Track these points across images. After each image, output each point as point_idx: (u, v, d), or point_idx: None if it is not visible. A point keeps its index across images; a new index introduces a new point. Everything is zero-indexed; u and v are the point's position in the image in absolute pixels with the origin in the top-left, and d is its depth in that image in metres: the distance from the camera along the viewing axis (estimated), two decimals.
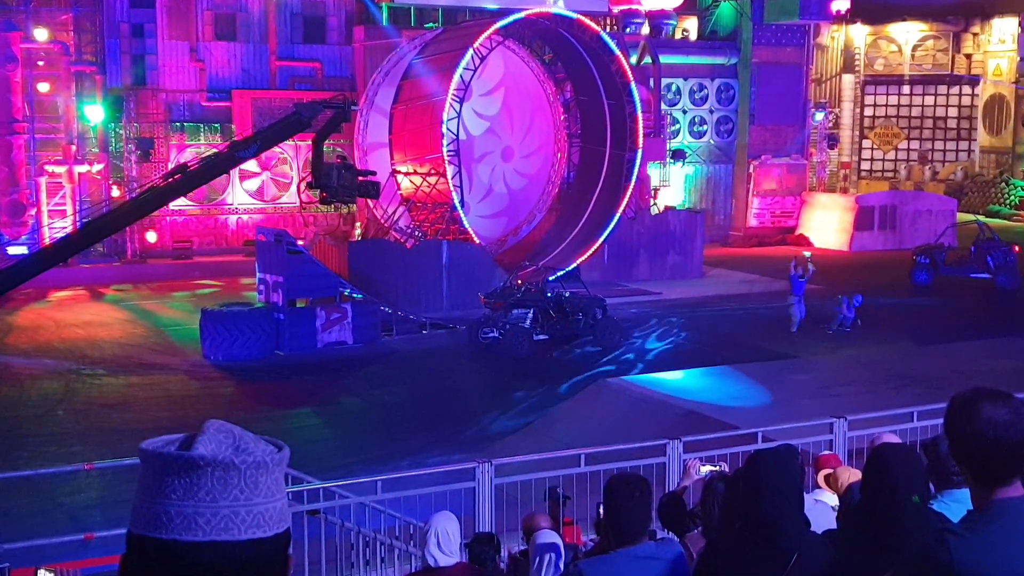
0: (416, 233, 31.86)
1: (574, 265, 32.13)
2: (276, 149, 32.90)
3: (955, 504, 4.11)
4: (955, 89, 53.14)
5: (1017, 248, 32.31)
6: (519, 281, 27.75)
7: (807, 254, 31.35)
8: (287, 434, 18.11)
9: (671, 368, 22.01)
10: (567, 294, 26.72)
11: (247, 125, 35.16)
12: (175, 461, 1.74)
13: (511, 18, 32.48)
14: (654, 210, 37.08)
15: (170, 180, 22.63)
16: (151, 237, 36.22)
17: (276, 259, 26.38)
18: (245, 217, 37.61)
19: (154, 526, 1.74)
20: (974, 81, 52.78)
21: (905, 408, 11.52)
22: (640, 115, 34.56)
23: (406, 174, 32.44)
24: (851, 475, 5.50)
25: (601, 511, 5.43)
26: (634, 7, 46.46)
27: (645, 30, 42.72)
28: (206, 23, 37.54)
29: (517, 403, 21.42)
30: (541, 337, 25.75)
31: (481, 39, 31.63)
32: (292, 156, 37.43)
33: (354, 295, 26.91)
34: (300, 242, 30.49)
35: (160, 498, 1.74)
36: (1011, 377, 19.05)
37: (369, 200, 30.27)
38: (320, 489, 9.98)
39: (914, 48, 53.15)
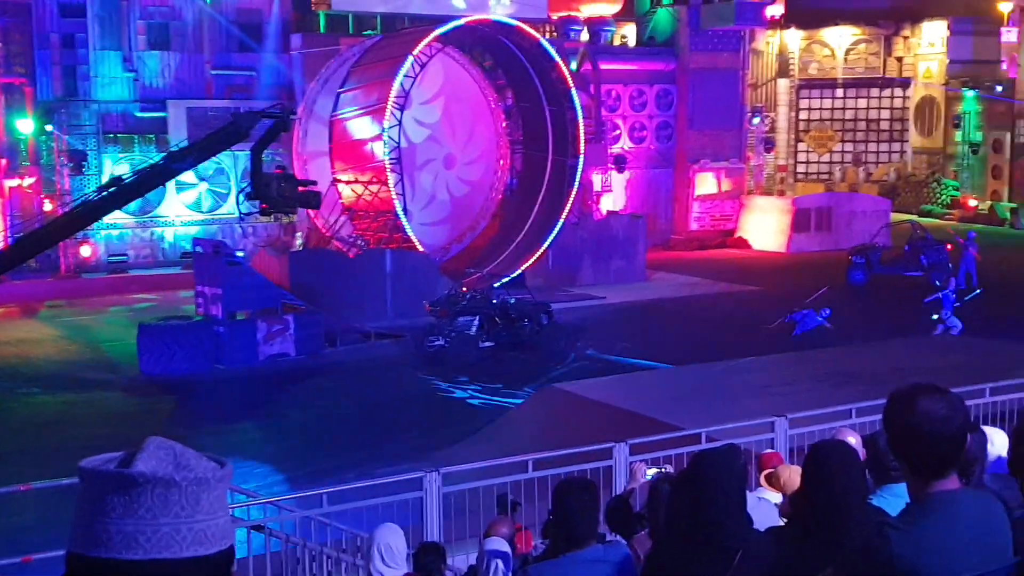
0: (359, 242, 31.72)
1: (519, 271, 32.20)
2: (213, 159, 32.58)
3: (893, 498, 4.18)
4: (887, 92, 54.04)
5: (950, 247, 32.91)
6: (464, 288, 27.74)
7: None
8: (229, 449, 17.93)
9: (617, 372, 22.11)
10: (512, 300, 26.74)
11: (182, 135, 34.78)
12: (114, 479, 1.72)
13: (450, 25, 32.49)
14: (597, 215, 37.25)
15: (104, 193, 22.34)
16: (85, 251, 35.64)
17: (215, 271, 26.08)
18: (182, 229, 37.18)
19: (94, 545, 1.72)
20: (905, 84, 53.71)
21: (844, 405, 11.68)
22: (581, 121, 34.74)
23: (347, 183, 32.29)
24: (791, 473, 5.57)
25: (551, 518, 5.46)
26: (573, 14, 46.72)
27: (584, 37, 42.93)
28: (139, 32, 37.07)
29: (464, 411, 21.39)
30: (487, 344, 25.73)
31: (421, 46, 31.60)
32: (230, 166, 37.09)
33: (296, 306, 26.69)
34: (239, 253, 30.21)
35: (100, 516, 1.72)
36: (946, 373, 19.40)
37: (310, 210, 30.09)
38: (264, 504, 9.89)
39: (847, 52, 53.97)
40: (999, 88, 50.16)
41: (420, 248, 31.35)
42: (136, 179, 24.14)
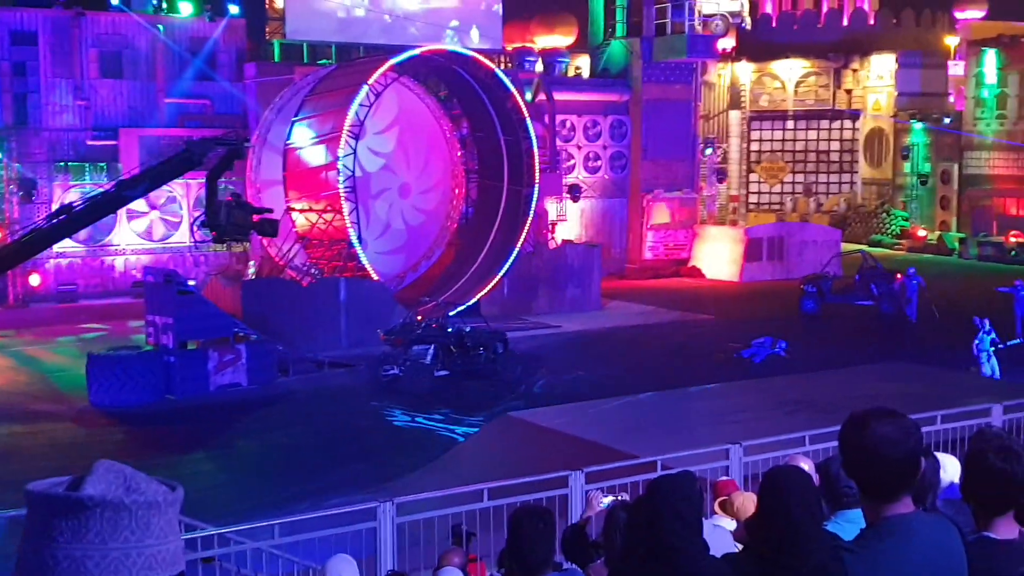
0: (312, 271, 31.55)
1: (474, 300, 32.18)
2: (165, 188, 32.33)
3: (848, 524, 4.20)
4: (837, 123, 54.83)
5: (899, 276, 33.35)
6: (419, 317, 27.65)
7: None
8: (180, 480, 17.57)
9: (572, 400, 22.09)
10: (468, 329, 26.70)
11: (134, 163, 34.45)
12: (63, 502, 1.68)
13: (406, 55, 32.55)
14: (552, 244, 37.37)
15: (54, 221, 22.03)
16: (34, 280, 35.16)
17: (166, 300, 25.79)
18: (133, 258, 36.80)
19: (40, 572, 1.67)
20: (855, 116, 54.53)
21: (798, 432, 11.74)
22: (536, 151, 34.88)
23: (301, 211, 32.15)
24: (745, 499, 5.58)
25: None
26: (528, 45, 47.07)
27: (539, 68, 43.25)
28: (91, 60, 36.82)
29: (419, 441, 21.28)
30: (442, 373, 25.64)
31: (376, 75, 31.62)
32: (182, 194, 36.83)
33: (249, 335, 26.45)
34: (191, 282, 29.94)
35: (47, 542, 1.68)
36: (896, 399, 19.60)
37: (264, 238, 29.91)
38: (215, 535, 9.75)
39: (797, 84, 54.74)
40: (947, 120, 51.09)
41: (375, 277, 31.25)
42: (86, 207, 23.81)
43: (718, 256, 43.18)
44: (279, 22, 40.22)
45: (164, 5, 38.57)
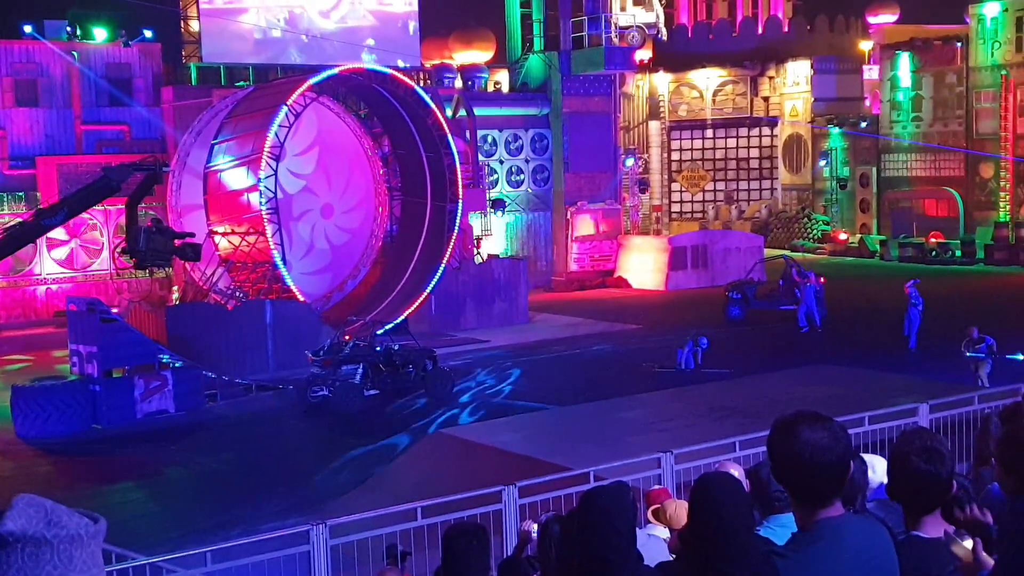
0: (237, 294, 31.20)
1: (402, 318, 32.04)
2: (85, 215, 31.81)
3: (780, 528, 4.24)
4: (755, 131, 55.75)
5: (823, 279, 33.88)
6: (347, 337, 27.46)
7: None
8: (109, 510, 17.34)
9: (503, 414, 22.12)
10: (396, 347, 26.58)
11: (53, 192, 33.89)
12: None
13: (324, 75, 32.40)
14: (478, 259, 37.40)
15: None
16: None
17: (89, 329, 25.35)
18: (55, 287, 36.11)
19: None
20: (772, 122, 55.50)
21: (727, 439, 11.87)
22: (459, 167, 34.91)
23: (223, 234, 31.79)
24: (678, 507, 5.62)
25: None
26: (446, 62, 47.15)
27: (458, 83, 43.36)
28: (6, 90, 36.15)
29: (351, 461, 21.12)
30: (372, 392, 25.50)
31: (294, 96, 31.42)
32: (102, 222, 36.23)
33: (174, 362, 26.07)
34: (114, 309, 29.43)
35: None
36: (823, 403, 19.90)
37: (186, 263, 29.54)
38: (146, 565, 9.58)
39: (715, 93, 55.56)
40: (863, 124, 52.19)
41: (301, 298, 30.99)
42: (6, 237, 23.39)
43: (643, 266, 43.56)
44: (195, 45, 39.85)
45: (78, 32, 37.97)
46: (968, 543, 3.65)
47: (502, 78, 47.23)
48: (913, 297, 28.41)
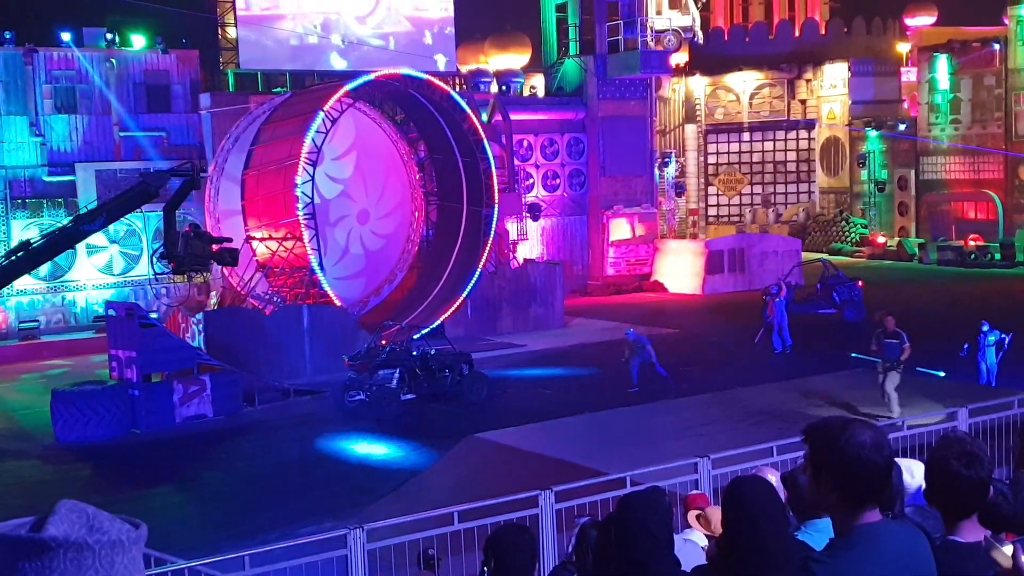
0: (275, 299, 31.39)
1: (438, 322, 32.10)
2: (124, 221, 32.12)
3: (818, 534, 4.22)
4: (792, 134, 55.37)
5: (861, 283, 33.59)
6: (383, 341, 27.55)
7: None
8: (148, 514, 17.49)
9: (539, 419, 22.09)
10: (433, 351, 26.62)
11: (91, 198, 34.23)
12: (25, 544, 1.67)
13: (360, 80, 32.55)
14: (514, 262, 37.43)
15: (13, 258, 21.85)
16: None
17: (128, 334, 25.58)
18: (94, 293, 36.49)
19: None
20: (810, 125, 55.10)
21: (765, 443, 11.80)
22: (494, 171, 34.97)
23: (261, 240, 32.02)
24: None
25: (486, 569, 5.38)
26: (482, 66, 47.25)
27: (494, 88, 43.40)
28: (45, 96, 36.58)
29: (387, 465, 21.18)
30: (409, 396, 25.55)
31: (331, 102, 31.59)
32: (141, 227, 36.58)
33: (212, 366, 26.26)
34: (153, 315, 29.70)
35: None
36: (863, 407, 19.74)
37: (224, 268, 29.76)
38: (185, 569, 9.66)
39: (751, 96, 55.25)
40: (902, 126, 51.71)
41: (337, 303, 31.13)
42: (45, 243, 23.67)
43: (680, 270, 43.40)
44: (233, 52, 40.18)
45: (117, 39, 38.37)
46: (1008, 548, 3.62)
47: (538, 82, 47.23)
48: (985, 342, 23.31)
